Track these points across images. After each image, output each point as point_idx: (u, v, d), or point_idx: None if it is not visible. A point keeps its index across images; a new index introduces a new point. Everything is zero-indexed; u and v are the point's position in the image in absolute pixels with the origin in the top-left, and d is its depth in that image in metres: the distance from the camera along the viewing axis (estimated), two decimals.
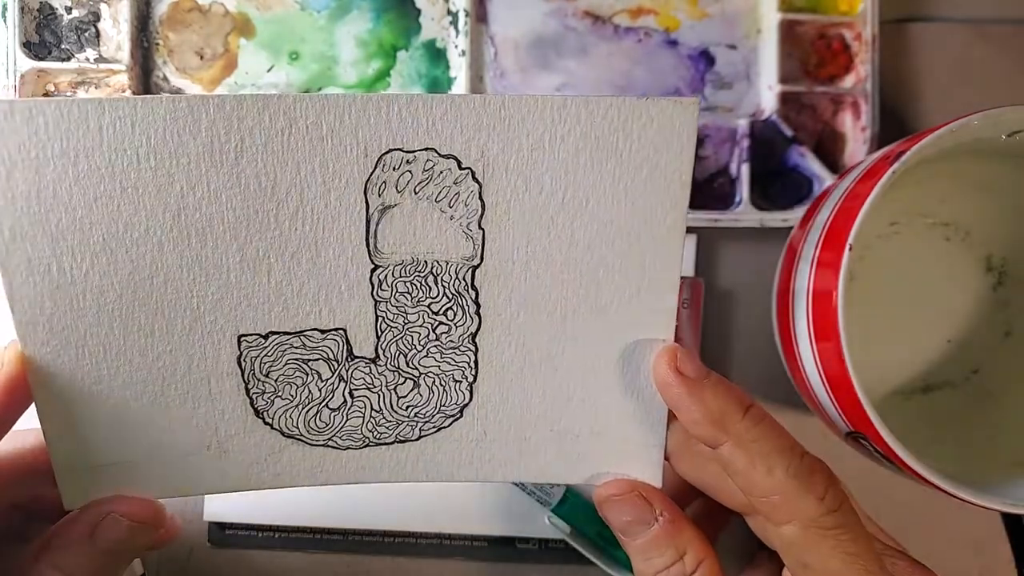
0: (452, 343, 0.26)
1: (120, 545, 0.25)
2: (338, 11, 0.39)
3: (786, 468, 0.24)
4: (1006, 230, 0.38)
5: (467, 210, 0.25)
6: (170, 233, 0.24)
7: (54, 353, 0.24)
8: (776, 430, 0.24)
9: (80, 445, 0.25)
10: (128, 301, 0.24)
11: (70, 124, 0.22)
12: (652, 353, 0.26)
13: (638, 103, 0.24)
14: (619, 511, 0.27)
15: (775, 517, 0.24)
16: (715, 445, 0.25)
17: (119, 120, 0.23)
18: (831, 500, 0.23)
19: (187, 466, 0.26)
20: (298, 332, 0.26)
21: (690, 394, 0.25)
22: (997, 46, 0.42)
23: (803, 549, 0.24)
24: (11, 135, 0.22)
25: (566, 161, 0.24)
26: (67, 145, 0.23)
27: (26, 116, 0.22)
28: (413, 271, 0.25)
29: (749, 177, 0.39)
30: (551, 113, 0.24)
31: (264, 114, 0.23)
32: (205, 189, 0.24)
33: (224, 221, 0.24)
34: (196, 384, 0.26)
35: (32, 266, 0.23)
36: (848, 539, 0.23)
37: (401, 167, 0.24)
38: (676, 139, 0.24)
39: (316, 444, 0.27)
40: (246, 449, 0.26)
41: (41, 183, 0.23)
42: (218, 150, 0.23)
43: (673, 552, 0.26)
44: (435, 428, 0.27)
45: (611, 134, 0.24)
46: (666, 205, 0.25)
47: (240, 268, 0.25)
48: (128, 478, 0.26)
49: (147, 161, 0.23)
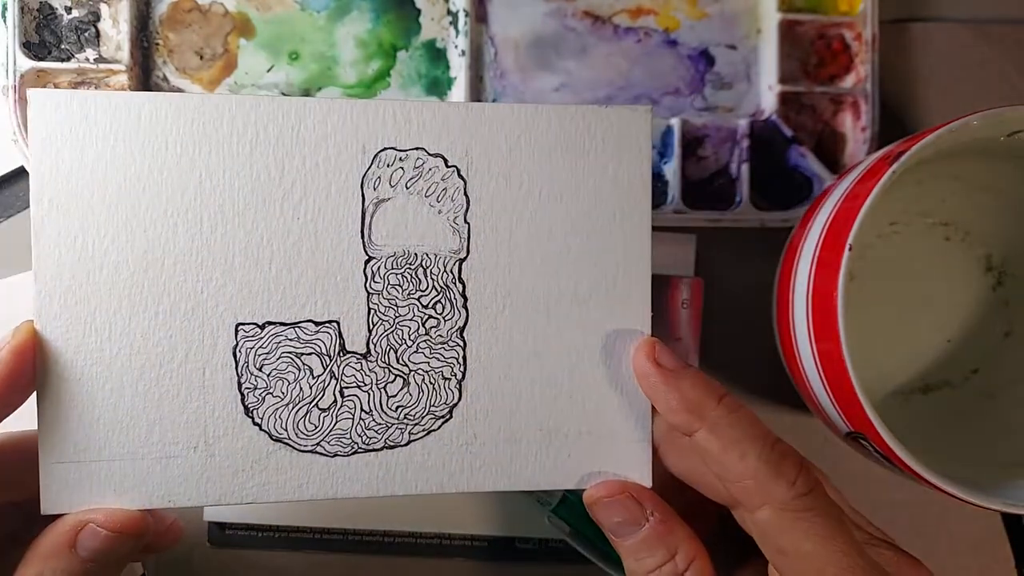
0: (441, 337, 0.27)
1: (102, 555, 0.25)
2: (338, 11, 0.39)
3: (758, 453, 0.24)
4: (1006, 230, 0.38)
5: (454, 205, 0.27)
6: (185, 216, 0.26)
7: (63, 328, 0.25)
8: (749, 418, 0.25)
9: (70, 434, 0.25)
10: (139, 280, 0.26)
11: (116, 112, 0.25)
12: (632, 345, 0.28)
13: (600, 110, 0.28)
14: (609, 512, 0.27)
15: (749, 502, 0.24)
16: (691, 432, 0.25)
17: (156, 111, 0.26)
18: (802, 484, 0.24)
19: (171, 469, 0.26)
20: (293, 323, 0.27)
21: (667, 383, 0.26)
22: (997, 46, 0.42)
23: (777, 533, 0.24)
24: (66, 119, 0.25)
25: (541, 160, 0.27)
26: (110, 131, 0.25)
27: (81, 104, 0.25)
28: (404, 263, 0.27)
29: (749, 177, 0.39)
30: (526, 118, 0.27)
31: (278, 112, 0.26)
32: (221, 175, 0.26)
33: (235, 206, 0.26)
34: (191, 374, 0.26)
35: (60, 237, 0.25)
36: (821, 522, 0.24)
37: (394, 164, 0.27)
38: (635, 141, 0.28)
39: (303, 450, 0.27)
40: (232, 452, 0.26)
41: (83, 162, 0.25)
42: (236, 141, 0.26)
43: (664, 552, 0.26)
44: (424, 431, 0.27)
45: (578, 137, 0.28)
46: (632, 201, 0.28)
47: (244, 254, 0.26)
48: (109, 481, 0.26)
49: (174, 148, 0.26)
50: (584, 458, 0.28)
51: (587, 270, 0.28)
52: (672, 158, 0.39)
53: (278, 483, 0.27)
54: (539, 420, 0.28)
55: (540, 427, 0.28)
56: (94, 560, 0.25)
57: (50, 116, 0.25)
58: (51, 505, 0.25)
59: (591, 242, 0.28)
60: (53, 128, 0.25)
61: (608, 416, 0.28)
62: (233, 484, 0.26)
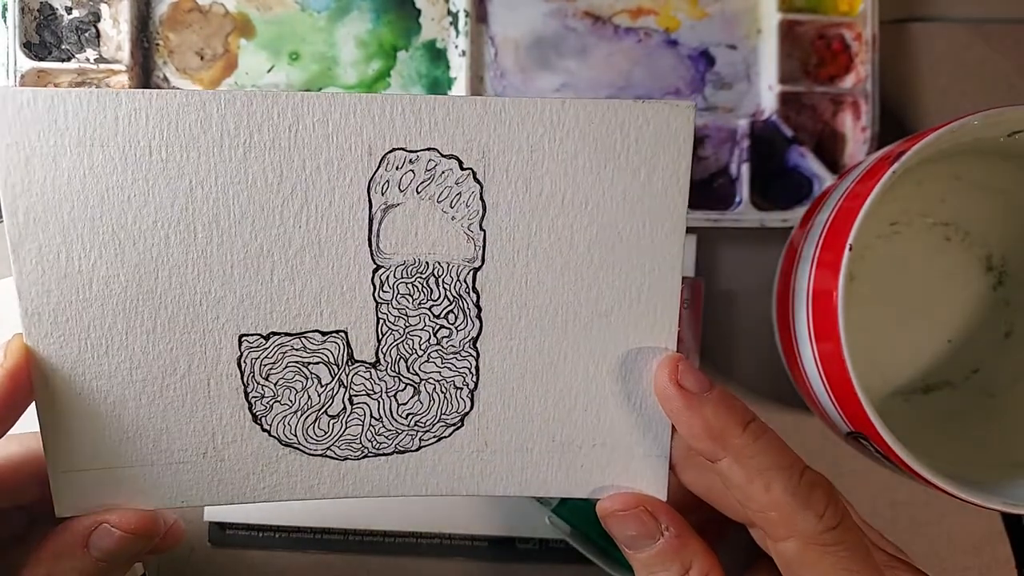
0: (453, 348, 0.26)
1: (114, 556, 0.25)
2: (338, 11, 0.39)
3: (784, 485, 0.23)
4: (1006, 230, 0.38)
5: (468, 211, 0.25)
6: (177, 227, 0.24)
7: (57, 345, 0.24)
8: (776, 446, 0.24)
9: (76, 446, 0.25)
10: (133, 294, 0.24)
11: (88, 113, 0.23)
12: (654, 361, 0.26)
13: (635, 106, 0.25)
14: (624, 526, 0.26)
15: (773, 533, 0.24)
16: (714, 460, 0.25)
17: (135, 111, 0.23)
18: (831, 517, 0.23)
19: (182, 474, 0.26)
20: (299, 333, 0.26)
21: (689, 408, 0.25)
22: (997, 46, 0.42)
23: (802, 566, 0.23)
24: (33, 122, 0.23)
25: (565, 163, 0.25)
26: (84, 134, 0.23)
27: (48, 104, 0.23)
28: (415, 272, 0.26)
29: (749, 177, 0.39)
30: (550, 115, 0.25)
31: (273, 110, 0.24)
32: (213, 183, 0.24)
33: (230, 216, 0.24)
34: (195, 385, 0.25)
35: (42, 253, 0.24)
36: (848, 556, 0.23)
37: (404, 166, 0.25)
38: (673, 142, 0.25)
39: (314, 454, 0.26)
40: (242, 457, 0.26)
41: (57, 171, 0.23)
42: (227, 145, 0.24)
43: (679, 566, 0.25)
44: (435, 438, 0.27)
45: (609, 136, 0.25)
46: (665, 208, 0.25)
47: (244, 265, 0.25)
48: (122, 485, 0.25)
49: (159, 153, 0.24)
50: (597, 469, 0.27)
51: (611, 282, 0.26)
52: None
53: (289, 485, 0.26)
54: (552, 431, 0.27)
55: (553, 438, 0.27)
56: (106, 560, 0.25)
57: (13, 118, 0.23)
58: (65, 509, 0.25)
59: (617, 252, 0.26)
60: (20, 132, 0.23)
61: (625, 430, 0.27)
62: (245, 486, 0.26)
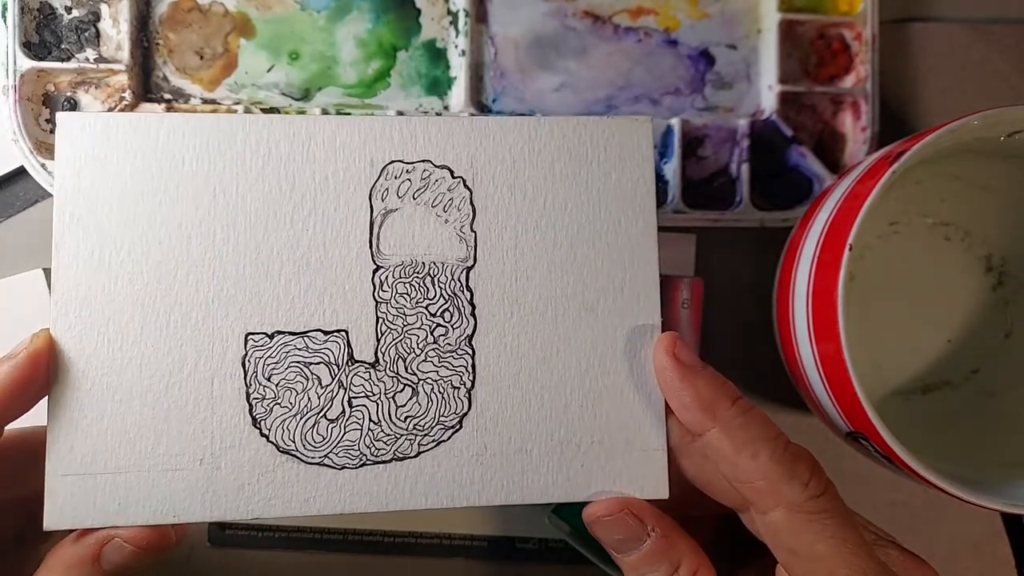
0: (449, 346, 0.27)
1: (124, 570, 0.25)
2: (338, 11, 0.39)
3: (770, 454, 0.24)
4: (1006, 230, 0.38)
5: (460, 214, 0.28)
6: (199, 227, 0.27)
7: (78, 338, 0.26)
8: (762, 419, 0.25)
9: (78, 445, 0.25)
10: (152, 290, 0.26)
11: (137, 132, 0.27)
12: (644, 348, 0.28)
13: (601, 121, 0.29)
14: (610, 530, 0.26)
15: (761, 504, 0.24)
16: (702, 431, 0.25)
17: (173, 130, 0.27)
18: (816, 485, 0.24)
19: (176, 483, 0.26)
20: (302, 332, 0.27)
21: (684, 379, 0.26)
22: (997, 46, 0.42)
23: (789, 535, 0.24)
24: (88, 140, 0.27)
25: (544, 170, 0.28)
26: (129, 148, 0.27)
27: (104, 125, 0.27)
28: (412, 272, 0.28)
29: (749, 177, 0.39)
30: (528, 131, 0.28)
31: (290, 130, 0.27)
32: (234, 190, 0.27)
33: (247, 219, 0.27)
34: (199, 384, 0.26)
35: (79, 249, 0.26)
36: (834, 523, 0.24)
37: (401, 176, 0.28)
38: (636, 150, 0.29)
39: (311, 462, 0.26)
40: (239, 465, 0.26)
41: (104, 177, 0.27)
42: (249, 157, 0.27)
43: (667, 566, 0.26)
44: (434, 442, 0.27)
45: (580, 146, 0.28)
46: (636, 206, 0.28)
47: (255, 265, 0.27)
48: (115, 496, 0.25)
49: (191, 164, 0.27)
50: (597, 469, 0.27)
51: (594, 276, 0.28)
52: (672, 158, 0.39)
53: (284, 497, 0.26)
54: (550, 429, 0.27)
55: (551, 436, 0.27)
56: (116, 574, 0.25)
57: (76, 137, 0.26)
58: (54, 521, 0.25)
59: (597, 249, 0.28)
60: (78, 148, 0.26)
61: (621, 424, 0.28)
62: (238, 499, 0.26)
